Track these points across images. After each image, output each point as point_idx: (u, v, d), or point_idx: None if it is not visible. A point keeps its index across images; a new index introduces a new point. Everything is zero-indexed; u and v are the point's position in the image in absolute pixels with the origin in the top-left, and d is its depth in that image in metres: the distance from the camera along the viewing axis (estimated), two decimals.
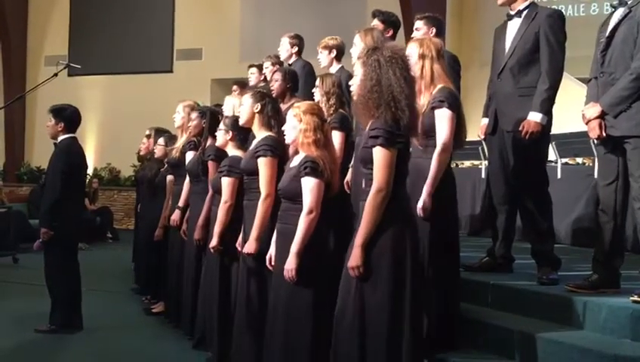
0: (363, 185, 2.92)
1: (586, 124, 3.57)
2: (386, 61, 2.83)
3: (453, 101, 3.44)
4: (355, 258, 2.77)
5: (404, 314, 2.77)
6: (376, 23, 4.66)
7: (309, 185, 3.19)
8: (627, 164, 3.47)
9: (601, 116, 3.47)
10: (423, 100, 3.48)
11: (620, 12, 3.54)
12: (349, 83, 3.14)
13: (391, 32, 4.69)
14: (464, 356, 3.52)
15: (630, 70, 3.40)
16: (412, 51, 3.52)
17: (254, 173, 3.77)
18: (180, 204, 5.13)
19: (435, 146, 3.42)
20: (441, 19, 4.51)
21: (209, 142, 4.73)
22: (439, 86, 3.50)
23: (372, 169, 2.81)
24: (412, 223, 2.93)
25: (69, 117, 5.08)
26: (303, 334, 3.19)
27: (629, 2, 3.49)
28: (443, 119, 3.41)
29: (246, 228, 3.82)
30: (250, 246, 3.71)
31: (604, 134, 3.48)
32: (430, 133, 3.44)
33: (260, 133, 3.88)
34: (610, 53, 3.52)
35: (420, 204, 3.36)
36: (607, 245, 3.54)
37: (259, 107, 3.88)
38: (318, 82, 4.07)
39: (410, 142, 2.95)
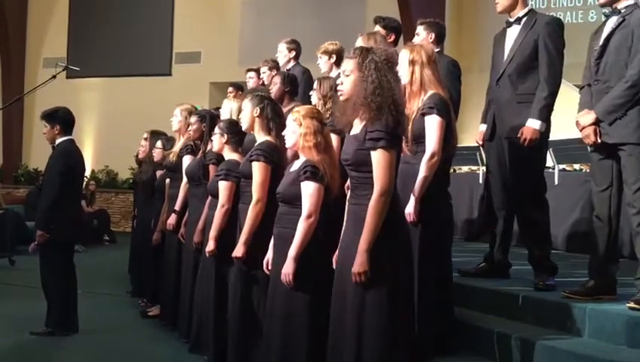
0: (354, 189, 2.89)
1: (581, 130, 3.59)
2: (383, 64, 2.82)
3: (443, 107, 3.44)
4: (361, 264, 2.72)
5: (400, 316, 2.77)
6: (378, 28, 4.66)
7: (309, 190, 3.18)
8: (621, 171, 3.48)
9: (596, 123, 3.50)
10: (413, 106, 3.49)
11: (613, 20, 3.56)
12: (336, 82, 3.11)
13: (393, 37, 4.70)
14: (459, 361, 3.52)
15: (625, 78, 3.42)
16: (403, 57, 3.53)
17: (250, 176, 3.77)
18: (177, 207, 5.11)
19: (424, 152, 3.43)
20: (443, 26, 4.50)
21: (209, 146, 4.73)
22: (430, 92, 3.50)
23: (367, 171, 2.77)
24: (405, 226, 2.94)
25: (62, 118, 5.05)
26: (301, 338, 3.18)
27: (622, 11, 3.51)
28: (432, 126, 3.42)
29: (241, 231, 3.82)
30: (238, 250, 3.73)
31: (599, 141, 3.50)
32: (420, 138, 3.45)
33: (259, 137, 3.88)
34: (605, 61, 3.54)
35: (407, 209, 3.36)
36: (602, 251, 3.56)
37: (258, 111, 3.88)
38: (315, 85, 4.07)
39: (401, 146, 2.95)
